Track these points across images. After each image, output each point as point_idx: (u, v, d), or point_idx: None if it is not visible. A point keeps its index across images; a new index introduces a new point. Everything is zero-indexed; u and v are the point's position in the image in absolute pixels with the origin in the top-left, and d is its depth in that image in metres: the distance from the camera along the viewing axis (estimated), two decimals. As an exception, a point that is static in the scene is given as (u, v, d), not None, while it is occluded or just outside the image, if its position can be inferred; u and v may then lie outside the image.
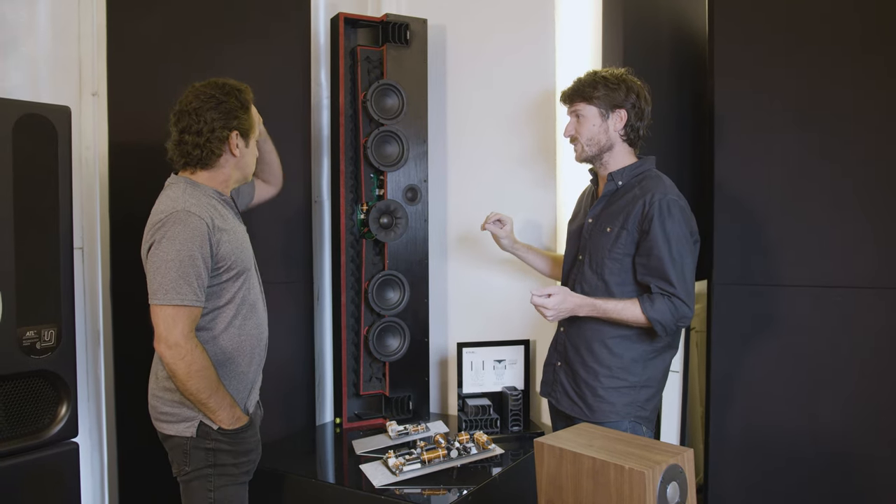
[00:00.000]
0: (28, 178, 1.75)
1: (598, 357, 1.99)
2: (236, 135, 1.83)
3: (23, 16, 2.15)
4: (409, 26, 2.71)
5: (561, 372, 2.10)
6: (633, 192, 1.97)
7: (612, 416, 1.97)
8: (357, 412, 2.79)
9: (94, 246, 2.30)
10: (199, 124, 1.78)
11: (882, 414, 2.08)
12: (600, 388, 1.98)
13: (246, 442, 1.83)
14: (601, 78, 2.00)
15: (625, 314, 1.92)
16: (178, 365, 1.68)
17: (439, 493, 2.07)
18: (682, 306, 1.89)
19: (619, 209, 1.97)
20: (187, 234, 1.69)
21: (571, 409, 2.04)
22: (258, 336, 1.90)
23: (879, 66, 2.06)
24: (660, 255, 1.88)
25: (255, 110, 1.92)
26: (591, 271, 2.02)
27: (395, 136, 2.67)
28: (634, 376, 1.98)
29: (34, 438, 1.79)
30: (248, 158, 1.91)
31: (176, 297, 1.68)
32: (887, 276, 2.06)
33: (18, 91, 2.09)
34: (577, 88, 2.03)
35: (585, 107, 2.01)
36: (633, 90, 2.00)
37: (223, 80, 1.85)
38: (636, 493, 1.35)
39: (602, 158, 2.04)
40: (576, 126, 2.05)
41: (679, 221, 1.90)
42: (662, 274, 1.89)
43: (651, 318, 1.88)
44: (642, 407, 2.00)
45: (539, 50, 2.72)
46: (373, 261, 2.76)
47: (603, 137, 2.01)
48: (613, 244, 1.96)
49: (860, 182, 2.10)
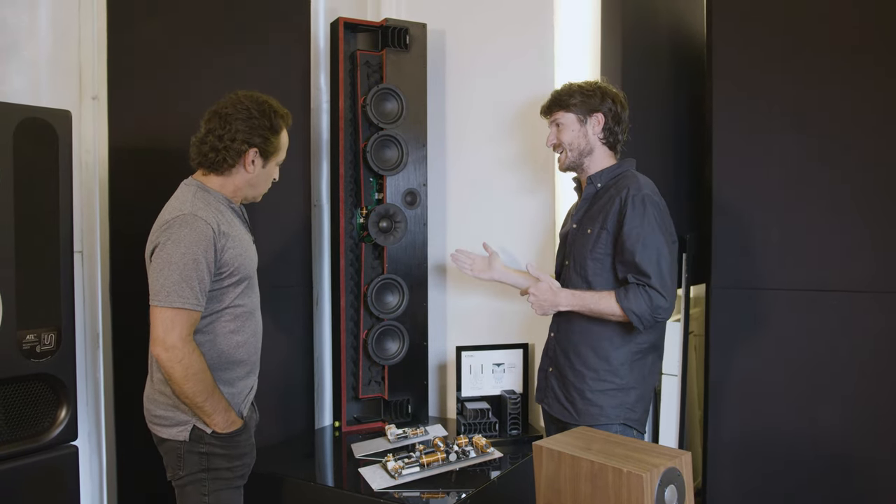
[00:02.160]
0: (28, 181, 1.75)
1: (585, 360, 2.01)
2: (255, 152, 1.82)
3: (24, 20, 2.15)
4: (409, 31, 2.72)
5: (552, 377, 2.11)
6: (610, 193, 2.00)
7: (602, 419, 1.97)
8: (356, 416, 2.79)
9: (93, 249, 2.30)
10: (223, 129, 1.79)
11: (880, 417, 2.08)
12: (588, 391, 1.99)
13: (240, 445, 1.83)
14: (577, 87, 2.07)
15: (601, 304, 1.93)
16: (175, 368, 1.67)
17: (438, 496, 2.07)
18: (657, 297, 1.87)
19: (598, 210, 2.00)
20: (193, 238, 1.69)
21: (562, 413, 2.05)
22: (254, 343, 1.90)
23: (877, 69, 2.07)
24: (632, 248, 1.89)
25: (285, 137, 1.90)
26: (575, 274, 2.04)
27: (395, 141, 2.67)
28: (621, 378, 1.99)
29: (34, 441, 1.79)
30: (262, 179, 1.89)
31: (177, 299, 1.67)
32: (885, 280, 2.07)
33: (19, 95, 2.09)
34: (554, 99, 2.09)
35: (564, 114, 2.07)
36: (608, 95, 2.05)
37: (266, 97, 1.85)
38: (634, 496, 1.36)
39: (583, 164, 2.08)
40: (556, 134, 2.10)
41: (653, 216, 1.90)
42: (636, 265, 1.89)
43: (626, 308, 1.88)
44: (632, 409, 2.00)
45: (538, 55, 2.73)
46: (372, 265, 2.77)
47: (583, 141, 2.06)
48: (594, 245, 1.98)
49: (857, 186, 2.10)
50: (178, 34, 2.34)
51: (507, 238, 2.82)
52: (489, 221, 2.87)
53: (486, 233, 2.87)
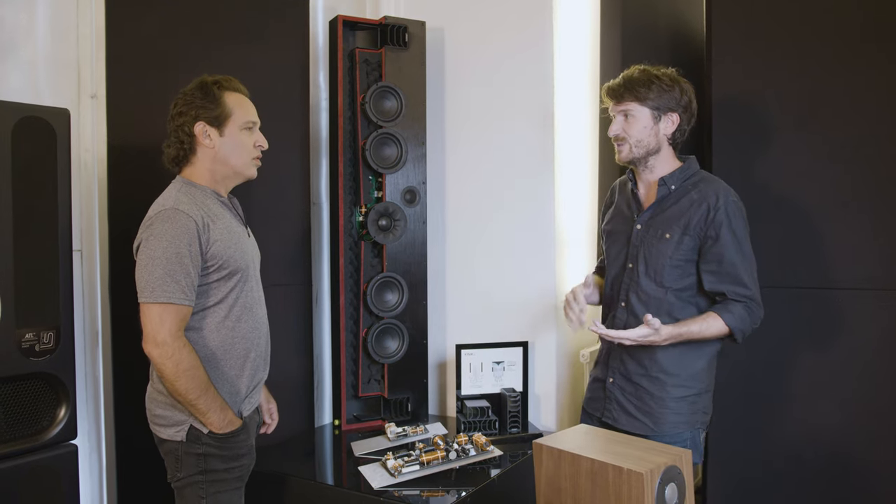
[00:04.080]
0: (27, 180, 1.74)
1: (664, 366, 1.90)
2: (202, 125, 1.79)
3: (22, 18, 2.15)
4: (408, 29, 2.71)
5: (615, 388, 1.99)
6: (690, 196, 1.89)
7: (681, 426, 1.90)
8: (356, 414, 2.79)
9: (92, 248, 2.30)
10: (173, 124, 1.81)
11: (881, 416, 2.08)
12: (669, 399, 1.90)
13: (237, 446, 1.80)
14: (655, 77, 1.89)
15: (709, 332, 1.84)
16: (166, 364, 1.66)
17: (438, 494, 2.07)
18: (757, 309, 1.86)
19: (677, 214, 1.89)
20: (174, 232, 1.67)
21: (633, 426, 1.93)
22: (253, 340, 1.86)
23: (879, 65, 2.07)
24: (733, 261, 1.83)
25: (233, 98, 1.82)
26: (648, 279, 1.92)
27: (394, 139, 2.67)
28: (702, 383, 1.93)
29: (33, 440, 1.78)
30: (231, 150, 1.82)
31: (162, 294, 1.65)
32: (888, 278, 2.07)
33: (17, 93, 2.09)
34: (628, 86, 1.89)
35: (637, 107, 1.89)
36: (686, 92, 1.91)
37: (203, 76, 1.84)
38: (634, 494, 1.36)
39: (647, 161, 1.95)
40: (623, 126, 1.92)
41: (744, 223, 1.87)
42: (738, 279, 1.83)
43: (735, 328, 1.83)
44: (706, 412, 1.95)
45: (537, 52, 2.73)
46: (371, 263, 2.76)
47: (652, 140, 1.91)
48: (675, 250, 1.87)
49: (860, 183, 2.10)
50: (176, 32, 2.34)
51: (508, 236, 2.82)
52: (489, 219, 2.87)
53: (486, 231, 2.87)
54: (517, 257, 2.79)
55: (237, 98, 1.84)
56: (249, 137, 1.85)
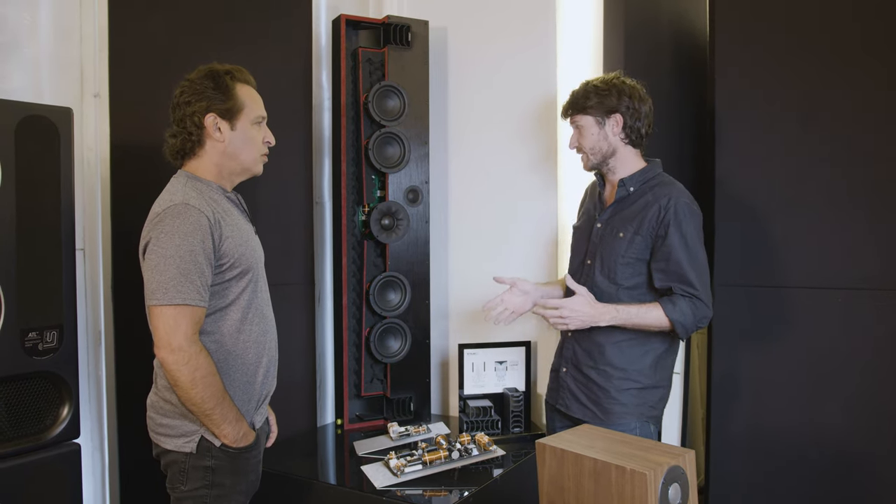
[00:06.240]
0: (30, 179, 1.75)
1: (611, 360, 1.99)
2: (213, 116, 1.67)
3: (25, 17, 2.15)
4: (411, 28, 2.71)
5: (568, 378, 2.09)
6: (646, 198, 1.98)
7: (625, 416, 1.97)
8: (358, 413, 2.79)
9: (95, 247, 2.30)
10: (179, 113, 1.69)
11: (884, 414, 2.08)
12: (614, 391, 1.98)
13: (248, 461, 1.70)
14: (592, 87, 2.01)
15: (648, 318, 1.91)
16: (182, 371, 1.53)
17: (441, 494, 2.07)
18: (702, 307, 1.91)
19: (632, 214, 1.98)
20: (187, 229, 1.56)
21: (583, 413, 2.03)
22: (266, 344, 1.76)
23: (880, 65, 2.06)
24: (679, 259, 1.90)
25: (245, 91, 1.74)
26: (602, 276, 2.01)
27: (397, 138, 2.67)
28: (648, 378, 1.99)
29: (36, 439, 1.79)
30: (241, 144, 1.72)
31: (177, 296, 1.53)
32: (888, 277, 2.06)
33: (20, 93, 2.09)
34: (571, 101, 2.05)
35: (582, 117, 2.03)
36: (624, 93, 1.99)
37: (212, 65, 1.73)
38: (638, 494, 1.35)
39: (608, 164, 2.05)
40: (577, 137, 2.06)
41: (695, 225, 1.93)
42: (683, 277, 1.90)
43: (673, 319, 1.89)
44: (654, 407, 2.01)
45: (540, 52, 2.73)
46: (374, 262, 2.76)
47: (604, 144, 2.02)
48: (627, 249, 1.96)
49: (860, 182, 2.10)
50: (179, 31, 2.34)
51: (511, 235, 2.82)
52: (492, 218, 2.87)
53: (488, 230, 2.87)
54: (520, 257, 2.79)
55: (249, 91, 1.76)
56: (259, 133, 1.77)
